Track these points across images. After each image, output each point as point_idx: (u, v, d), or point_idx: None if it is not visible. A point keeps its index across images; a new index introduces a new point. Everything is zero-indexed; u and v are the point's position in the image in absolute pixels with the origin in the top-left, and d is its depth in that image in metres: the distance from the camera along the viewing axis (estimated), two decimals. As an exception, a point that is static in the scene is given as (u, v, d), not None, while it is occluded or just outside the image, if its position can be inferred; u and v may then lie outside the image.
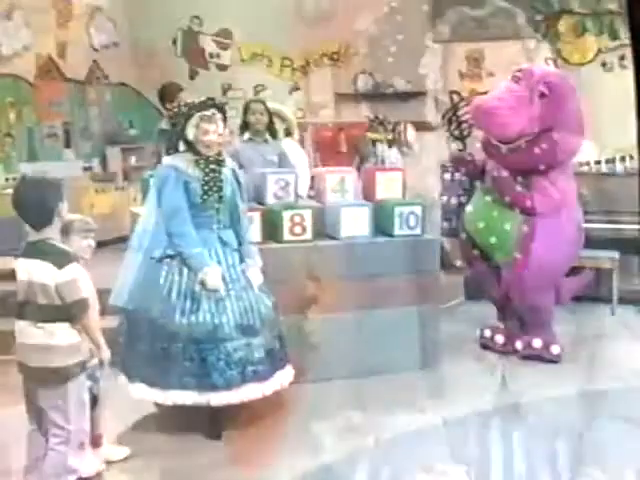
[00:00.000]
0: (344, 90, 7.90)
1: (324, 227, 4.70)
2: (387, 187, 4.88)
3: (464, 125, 7.61)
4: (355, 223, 4.60)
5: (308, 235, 4.54)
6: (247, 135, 5.23)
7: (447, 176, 7.35)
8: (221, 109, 3.86)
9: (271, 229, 4.55)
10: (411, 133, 7.56)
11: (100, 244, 7.64)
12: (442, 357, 4.84)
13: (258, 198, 4.71)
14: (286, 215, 4.49)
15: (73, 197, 7.42)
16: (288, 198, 4.69)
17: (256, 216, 4.41)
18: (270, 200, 4.68)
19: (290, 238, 4.50)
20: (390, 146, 7.56)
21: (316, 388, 4.26)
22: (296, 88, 8.12)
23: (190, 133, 3.77)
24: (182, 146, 3.84)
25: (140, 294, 3.69)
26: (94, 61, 8.38)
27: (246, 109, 5.23)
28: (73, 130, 8.16)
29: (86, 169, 8.29)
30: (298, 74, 8.17)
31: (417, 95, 7.74)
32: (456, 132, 7.69)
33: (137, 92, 8.84)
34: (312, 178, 5.44)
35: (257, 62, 8.27)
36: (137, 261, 3.75)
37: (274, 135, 5.28)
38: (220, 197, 3.80)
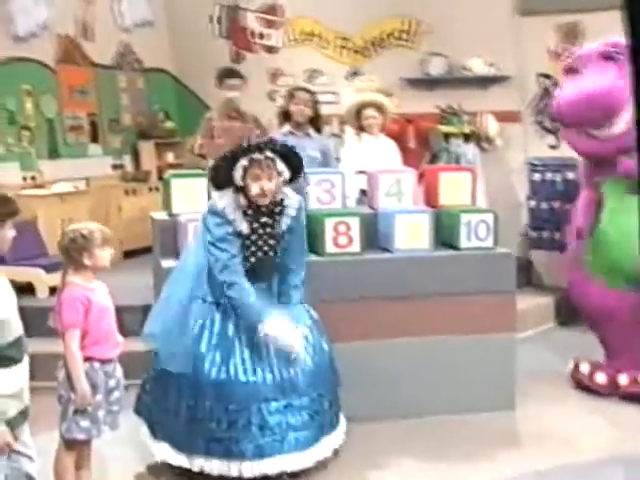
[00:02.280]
0: (412, 75, 7.82)
1: (376, 237, 4.64)
2: (453, 190, 4.81)
3: (557, 115, 7.39)
4: (413, 233, 4.52)
5: (356, 247, 4.47)
6: (287, 127, 5.32)
7: (537, 176, 7.27)
8: (285, 154, 3.67)
9: (312, 239, 4.42)
10: (492, 125, 7.53)
11: (128, 254, 7.83)
12: (522, 397, 4.70)
13: (298, 202, 4.67)
14: (329, 223, 4.43)
15: (99, 199, 7.68)
16: (333, 203, 4.65)
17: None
18: (311, 204, 4.64)
19: (334, 250, 4.45)
20: (467, 141, 7.48)
21: (367, 429, 4.18)
22: (355, 73, 8.03)
23: (237, 177, 3.62)
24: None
25: (171, 335, 3.66)
26: (125, 43, 8.50)
27: (289, 97, 5.32)
28: (101, 122, 8.30)
29: (115, 167, 8.44)
30: (358, 57, 8.11)
31: (499, 80, 7.60)
32: (547, 123, 7.49)
33: (175, 78, 8.95)
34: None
35: (310, 43, 8.25)
36: (176, 292, 3.72)
37: (318, 129, 5.32)
38: (267, 256, 3.72)
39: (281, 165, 3.64)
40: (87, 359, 3.28)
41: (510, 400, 4.63)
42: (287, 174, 3.67)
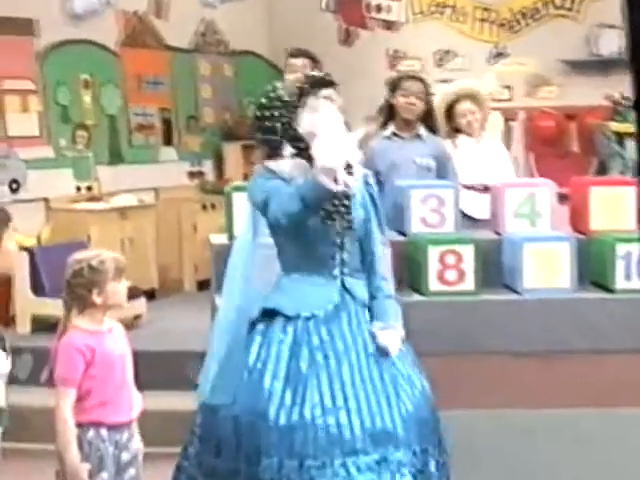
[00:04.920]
0: (576, 56, 7.83)
1: (498, 272, 4.57)
2: (609, 211, 4.65)
3: None
4: (548, 267, 4.46)
5: (469, 284, 4.43)
6: (391, 129, 5.33)
7: None
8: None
9: (412, 273, 4.51)
10: (686, 122, 7.20)
11: (203, 284, 7.93)
12: None
13: (397, 224, 4.68)
14: (434, 252, 4.40)
15: (170, 216, 7.81)
16: (443, 226, 4.62)
17: (388, 252, 4.18)
18: (414, 228, 4.64)
19: (440, 288, 4.43)
20: (647, 143, 7.25)
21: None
22: (500, 54, 8.07)
23: (305, 124, 3.62)
24: (288, 148, 3.74)
25: (223, 379, 3.65)
26: (207, 21, 8.69)
27: (394, 88, 5.31)
28: (176, 119, 8.50)
29: (193, 175, 8.61)
30: (504, 33, 8.12)
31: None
32: None
33: (270, 64, 9.06)
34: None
35: (440, 17, 8.29)
36: (225, 325, 3.74)
37: (433, 129, 5.29)
38: (348, 222, 3.69)
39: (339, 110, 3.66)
40: (92, 424, 3.30)
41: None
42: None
